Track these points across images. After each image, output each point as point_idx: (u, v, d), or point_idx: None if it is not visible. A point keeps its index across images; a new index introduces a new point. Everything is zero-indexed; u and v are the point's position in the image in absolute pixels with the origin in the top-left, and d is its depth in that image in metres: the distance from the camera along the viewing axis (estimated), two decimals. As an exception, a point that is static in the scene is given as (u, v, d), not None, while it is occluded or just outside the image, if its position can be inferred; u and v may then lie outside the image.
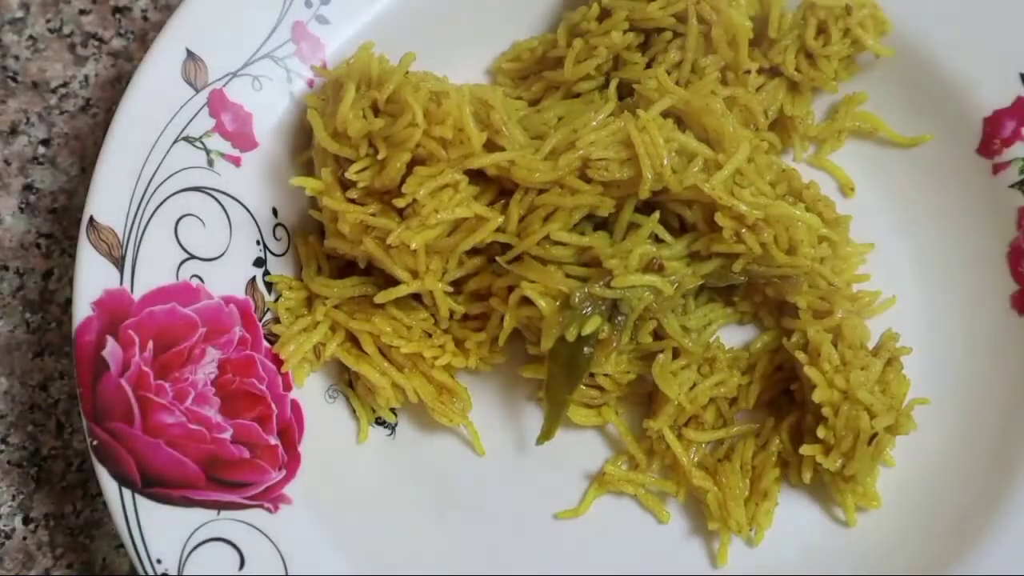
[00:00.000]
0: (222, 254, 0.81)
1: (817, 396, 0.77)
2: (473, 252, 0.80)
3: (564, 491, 0.82)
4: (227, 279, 0.80)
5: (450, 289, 0.80)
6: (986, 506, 0.78)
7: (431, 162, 0.77)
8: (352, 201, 0.79)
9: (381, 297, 0.80)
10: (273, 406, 0.79)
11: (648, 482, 0.82)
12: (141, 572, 0.73)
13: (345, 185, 0.79)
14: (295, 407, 0.81)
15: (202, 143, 0.81)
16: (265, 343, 0.81)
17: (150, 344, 0.76)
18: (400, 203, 0.77)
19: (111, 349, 0.76)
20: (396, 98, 0.77)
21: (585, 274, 0.77)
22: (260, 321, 0.81)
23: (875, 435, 0.77)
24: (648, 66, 0.85)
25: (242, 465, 0.77)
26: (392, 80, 0.77)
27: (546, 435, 0.79)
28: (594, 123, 0.77)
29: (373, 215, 0.78)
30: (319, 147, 0.81)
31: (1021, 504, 0.77)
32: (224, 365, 0.78)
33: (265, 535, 0.76)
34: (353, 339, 0.82)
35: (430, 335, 0.82)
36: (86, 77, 0.93)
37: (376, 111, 0.78)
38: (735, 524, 0.79)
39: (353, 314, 0.82)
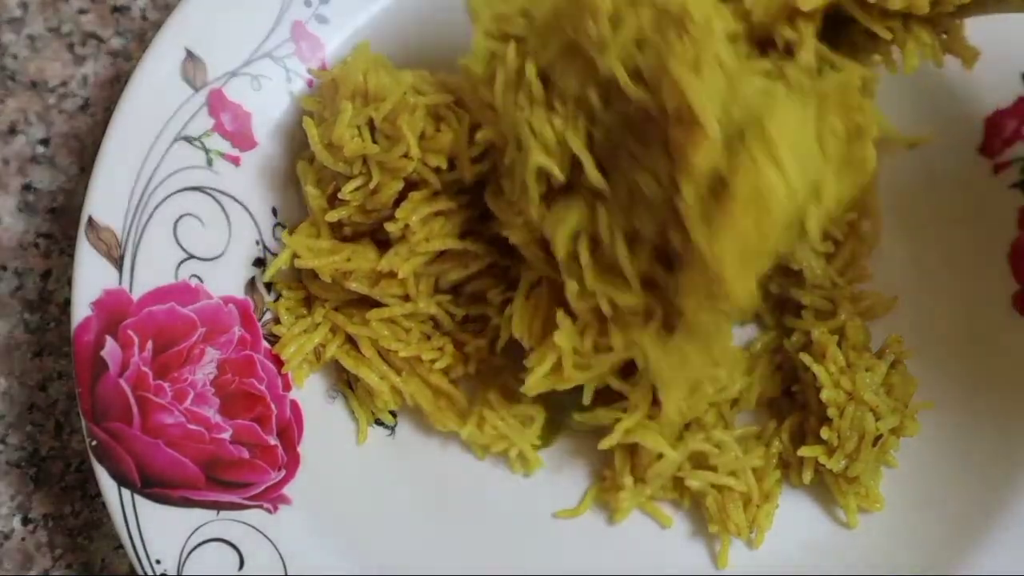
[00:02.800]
0: (221, 254, 0.80)
1: (825, 396, 0.77)
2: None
3: (565, 491, 0.82)
4: (226, 279, 0.80)
5: (447, 298, 0.80)
6: (986, 506, 0.78)
7: (424, 186, 0.77)
8: (338, 227, 0.80)
9: (374, 315, 0.80)
10: (272, 406, 0.79)
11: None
12: (140, 573, 0.73)
13: (335, 198, 0.80)
14: (294, 407, 0.80)
15: (201, 143, 0.80)
16: (264, 343, 0.81)
17: (149, 344, 0.76)
18: (391, 228, 0.77)
19: (110, 349, 0.76)
20: (392, 118, 0.77)
21: None
22: (259, 321, 0.81)
23: (880, 437, 0.77)
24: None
25: (241, 465, 0.77)
26: (389, 100, 0.77)
27: (544, 443, 0.79)
28: None
29: (349, 259, 0.79)
30: (303, 165, 0.82)
31: (1021, 505, 0.77)
32: (223, 365, 0.78)
33: (265, 535, 0.76)
34: (353, 341, 0.82)
35: (429, 337, 0.82)
36: (85, 77, 0.92)
37: (373, 128, 0.78)
38: (735, 527, 0.79)
39: (352, 317, 0.81)
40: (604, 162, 0.67)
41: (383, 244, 0.81)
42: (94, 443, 0.74)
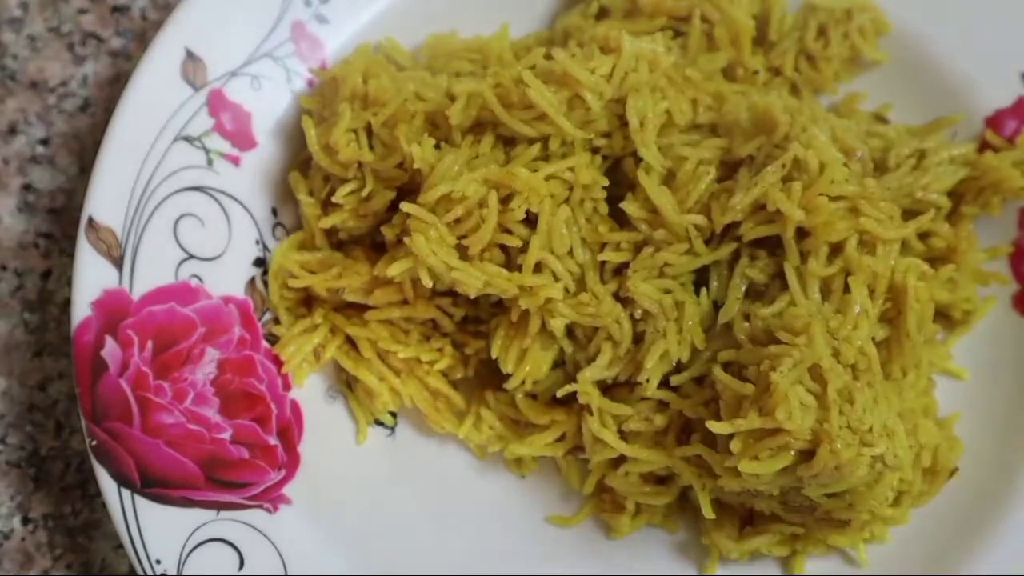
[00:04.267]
0: (221, 254, 0.80)
1: None
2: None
3: (564, 492, 0.82)
4: (226, 279, 0.80)
5: (447, 300, 0.80)
6: (986, 506, 0.78)
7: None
8: (333, 231, 0.80)
9: (373, 316, 0.80)
10: (272, 406, 0.79)
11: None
12: (140, 572, 0.73)
13: (330, 201, 0.80)
14: (294, 407, 0.80)
15: (201, 142, 0.80)
16: (264, 343, 0.81)
17: (149, 344, 0.76)
18: (388, 232, 0.78)
19: (110, 349, 0.75)
20: (391, 125, 0.77)
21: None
22: (260, 321, 0.81)
23: (956, 469, 0.78)
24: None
25: (241, 465, 0.77)
26: (389, 106, 0.77)
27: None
28: None
29: (339, 276, 0.79)
30: (295, 176, 0.81)
31: (1021, 505, 0.77)
32: (223, 365, 0.78)
33: (264, 535, 0.76)
34: (352, 342, 0.82)
35: (428, 339, 0.82)
36: (85, 76, 0.92)
37: (370, 132, 0.78)
38: (725, 546, 0.78)
39: (351, 318, 0.81)
40: None
41: (379, 247, 0.81)
42: (94, 443, 0.74)
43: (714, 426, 0.69)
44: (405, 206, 0.74)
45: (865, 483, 0.69)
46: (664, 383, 0.76)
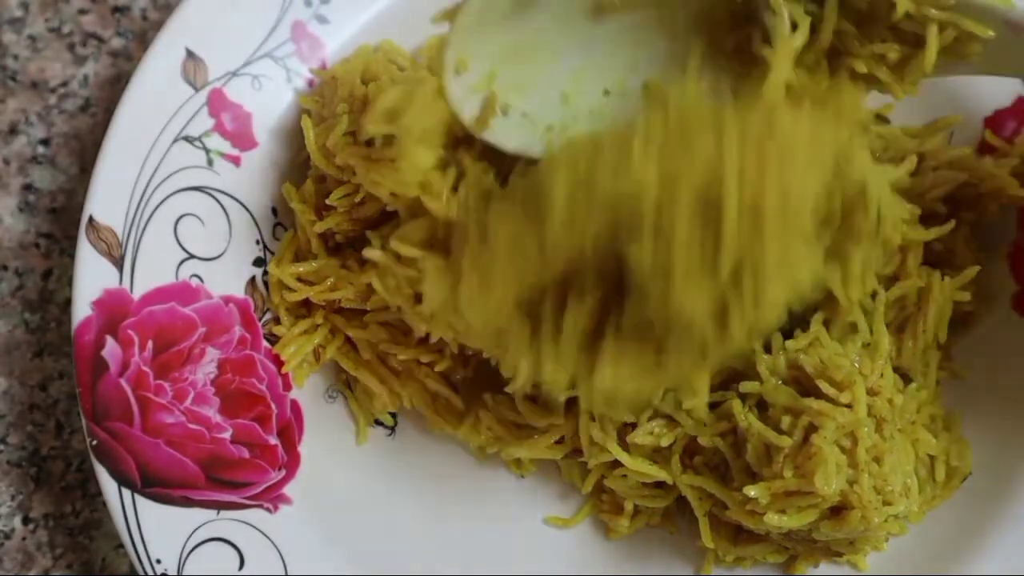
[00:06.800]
0: (222, 254, 0.81)
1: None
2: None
3: (564, 492, 0.82)
4: (227, 279, 0.80)
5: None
6: (986, 506, 0.78)
7: None
8: (330, 235, 0.80)
9: (372, 317, 0.80)
10: (273, 406, 0.79)
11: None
12: (140, 572, 0.73)
13: (325, 199, 0.80)
14: (295, 407, 0.81)
15: (201, 143, 0.81)
16: (265, 343, 0.81)
17: (150, 344, 0.76)
18: (374, 239, 0.77)
19: (110, 349, 0.76)
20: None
21: None
22: (260, 321, 0.81)
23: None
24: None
25: (242, 465, 0.77)
26: None
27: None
28: None
29: (334, 288, 0.80)
30: (288, 187, 0.82)
31: (1022, 504, 0.77)
32: (224, 365, 0.78)
33: (265, 535, 0.76)
34: (352, 342, 0.82)
35: (428, 339, 0.82)
36: (85, 77, 0.92)
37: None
38: (723, 550, 0.77)
39: (351, 319, 0.81)
40: None
41: None
42: (94, 443, 0.74)
43: (750, 489, 0.69)
44: (368, 252, 0.74)
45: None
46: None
